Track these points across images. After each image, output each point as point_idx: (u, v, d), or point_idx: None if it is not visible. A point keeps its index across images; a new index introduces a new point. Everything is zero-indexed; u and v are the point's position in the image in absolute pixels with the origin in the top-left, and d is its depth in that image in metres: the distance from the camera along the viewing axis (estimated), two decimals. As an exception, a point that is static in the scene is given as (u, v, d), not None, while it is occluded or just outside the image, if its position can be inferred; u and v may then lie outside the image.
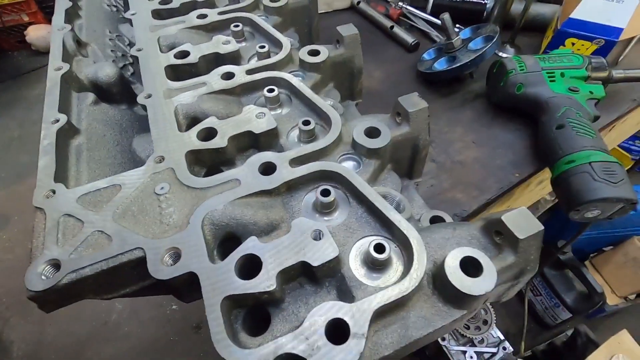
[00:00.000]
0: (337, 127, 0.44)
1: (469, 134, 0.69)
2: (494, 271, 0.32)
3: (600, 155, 0.53)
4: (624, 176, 0.52)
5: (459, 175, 0.62)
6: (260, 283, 0.32)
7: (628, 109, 0.73)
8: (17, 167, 2.19)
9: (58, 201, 0.38)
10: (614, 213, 0.53)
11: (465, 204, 0.59)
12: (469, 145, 0.67)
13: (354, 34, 0.56)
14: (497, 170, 0.63)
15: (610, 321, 1.59)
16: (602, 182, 0.50)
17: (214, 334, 0.29)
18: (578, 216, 0.54)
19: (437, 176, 0.62)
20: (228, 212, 0.37)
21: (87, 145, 0.47)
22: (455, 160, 0.64)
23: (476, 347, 1.15)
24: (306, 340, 0.29)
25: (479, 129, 0.70)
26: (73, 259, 0.34)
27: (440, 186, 0.61)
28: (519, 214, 0.34)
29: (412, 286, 0.32)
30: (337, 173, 0.40)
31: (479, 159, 0.65)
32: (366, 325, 0.30)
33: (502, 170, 0.63)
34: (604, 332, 1.16)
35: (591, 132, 0.56)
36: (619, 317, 1.59)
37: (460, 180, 0.62)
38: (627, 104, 0.74)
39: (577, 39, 0.73)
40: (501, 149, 0.66)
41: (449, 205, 0.58)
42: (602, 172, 0.51)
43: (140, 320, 1.65)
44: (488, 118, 0.72)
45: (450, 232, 0.38)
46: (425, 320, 0.33)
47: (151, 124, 0.46)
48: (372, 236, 0.38)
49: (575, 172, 0.53)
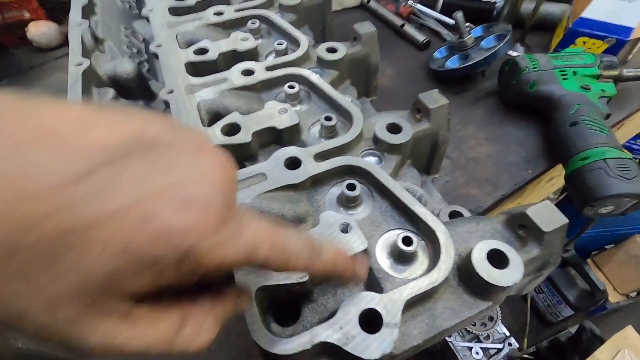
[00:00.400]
0: (359, 123, 0.44)
1: (482, 131, 0.70)
2: (521, 263, 0.33)
3: (614, 152, 0.54)
4: (638, 172, 0.52)
5: (473, 172, 0.63)
6: (293, 274, 0.32)
7: (637, 107, 0.74)
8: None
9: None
10: (627, 209, 0.54)
11: (480, 199, 0.60)
12: (482, 142, 0.68)
13: (372, 32, 0.57)
14: (510, 167, 0.64)
15: (612, 318, 1.61)
16: (617, 178, 0.51)
17: (251, 323, 0.30)
18: (592, 212, 0.55)
19: (451, 172, 0.63)
20: (256, 206, 0.38)
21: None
22: (469, 157, 0.65)
23: (482, 343, 1.16)
24: (340, 329, 0.30)
25: (491, 126, 0.71)
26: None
27: (455, 182, 0.62)
28: (543, 207, 0.35)
29: (442, 278, 0.32)
30: (362, 168, 0.40)
31: (492, 156, 0.66)
32: (398, 315, 0.30)
33: (515, 167, 0.64)
34: (605, 329, 1.17)
35: (605, 129, 0.57)
36: (621, 314, 1.61)
37: (475, 177, 0.63)
38: (637, 103, 0.75)
39: (588, 37, 0.74)
40: (513, 146, 0.67)
41: (464, 201, 0.59)
42: (617, 168, 0.52)
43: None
44: (500, 115, 0.72)
45: (473, 226, 0.38)
46: (452, 311, 0.34)
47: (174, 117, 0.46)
48: (397, 229, 0.38)
49: (590, 168, 0.54)
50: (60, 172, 0.15)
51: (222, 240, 0.19)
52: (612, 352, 0.84)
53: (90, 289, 0.16)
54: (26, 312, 0.16)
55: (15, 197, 0.14)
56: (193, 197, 0.18)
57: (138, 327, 0.18)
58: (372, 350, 0.28)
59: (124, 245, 0.16)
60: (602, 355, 0.84)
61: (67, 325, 0.16)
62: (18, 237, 0.14)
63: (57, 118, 0.16)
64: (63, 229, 0.15)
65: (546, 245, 0.35)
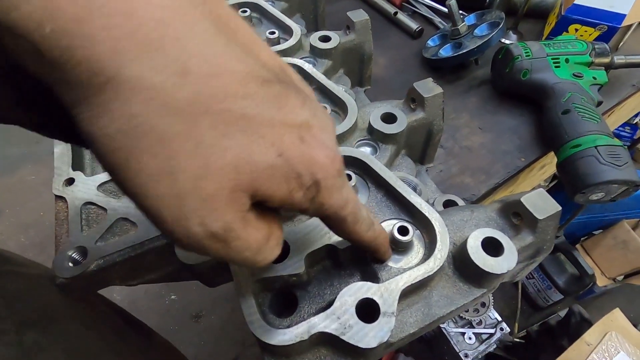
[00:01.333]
0: (354, 113, 0.44)
1: (475, 120, 0.70)
2: (515, 250, 0.34)
3: (605, 139, 0.55)
4: (628, 159, 0.53)
5: (467, 161, 0.64)
6: (289, 266, 0.32)
7: (628, 94, 0.75)
8: (4, 160, 2.14)
9: (78, 189, 0.38)
10: (617, 195, 0.55)
11: (474, 188, 0.60)
12: (476, 131, 0.68)
13: (365, 20, 0.56)
14: (503, 155, 0.64)
15: (599, 301, 1.65)
16: (608, 165, 0.52)
17: (248, 315, 0.30)
18: (583, 199, 0.56)
19: (445, 161, 0.63)
20: (251, 198, 0.38)
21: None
22: (462, 146, 0.66)
23: (474, 329, 1.18)
24: (338, 319, 0.30)
25: (485, 115, 0.71)
26: (100, 246, 0.34)
27: (449, 171, 0.62)
28: (537, 195, 0.36)
29: (437, 266, 0.33)
30: (357, 158, 0.40)
31: (486, 145, 0.66)
32: (395, 304, 0.31)
33: (508, 155, 0.64)
34: (593, 312, 1.20)
35: (596, 116, 0.58)
36: (608, 298, 1.66)
37: (468, 166, 0.63)
38: (627, 90, 0.75)
39: (580, 24, 0.74)
40: (507, 135, 0.67)
41: (458, 189, 0.60)
42: (608, 155, 0.53)
43: (140, 311, 1.65)
44: (493, 104, 0.73)
45: (468, 215, 0.39)
46: (447, 299, 0.34)
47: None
48: (392, 219, 0.38)
49: (581, 155, 0.54)
50: (250, 68, 0.18)
51: (338, 186, 0.22)
52: (600, 334, 0.86)
53: (241, 173, 0.18)
54: (178, 172, 0.17)
55: (218, 70, 0.17)
56: (331, 143, 0.22)
57: (246, 229, 0.20)
58: (370, 339, 0.29)
59: (282, 151, 0.19)
60: (590, 337, 0.86)
61: (203, 202, 0.17)
62: (211, 102, 0.16)
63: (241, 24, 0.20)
64: (243, 114, 0.17)
65: (540, 233, 0.35)
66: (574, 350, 0.84)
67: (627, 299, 1.71)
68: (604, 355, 0.82)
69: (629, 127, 2.03)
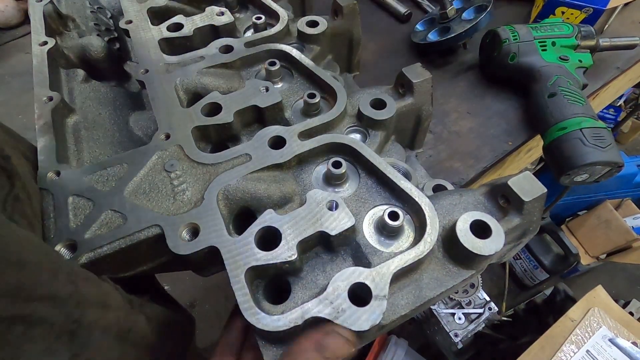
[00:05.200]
0: (343, 100, 0.44)
1: (464, 104, 0.70)
2: (502, 232, 0.34)
3: (590, 122, 0.56)
4: (611, 141, 0.55)
5: (456, 145, 0.64)
6: (281, 253, 0.33)
7: (612, 77, 0.76)
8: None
9: (64, 181, 0.37)
10: (601, 176, 0.57)
11: (462, 172, 0.61)
12: (464, 115, 0.68)
13: (352, 4, 0.55)
14: (491, 139, 0.65)
15: (583, 279, 1.72)
16: (592, 147, 0.53)
17: (242, 302, 0.30)
18: (568, 180, 0.57)
19: (434, 147, 0.63)
20: (242, 187, 0.37)
21: (84, 125, 0.46)
22: (451, 131, 0.66)
23: (464, 309, 1.22)
24: (331, 304, 0.30)
25: (473, 99, 0.71)
26: (89, 238, 0.34)
27: (438, 156, 0.63)
28: (523, 178, 0.36)
29: (427, 249, 0.33)
30: (347, 145, 0.40)
31: (474, 129, 0.67)
32: (386, 288, 0.31)
33: (496, 139, 0.65)
34: (577, 289, 1.25)
35: (581, 99, 0.59)
36: (591, 275, 1.72)
37: (457, 150, 0.64)
38: (612, 72, 0.76)
39: (567, 7, 0.74)
40: (495, 119, 0.68)
41: (447, 174, 0.60)
42: (592, 137, 0.54)
43: (134, 302, 1.64)
44: (481, 89, 0.73)
45: (457, 198, 0.39)
46: (437, 281, 0.35)
47: (152, 100, 0.44)
48: (383, 205, 0.39)
49: (567, 138, 0.55)
50: None
51: None
52: (583, 311, 0.89)
53: None
54: None
55: None
56: None
57: None
58: (362, 322, 0.29)
59: None
60: (574, 313, 0.89)
61: None
62: None
63: None
64: None
65: (526, 214, 0.36)
66: (559, 327, 0.87)
67: (609, 276, 1.79)
68: (586, 330, 0.86)
69: (612, 109, 2.07)
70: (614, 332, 0.85)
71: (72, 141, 0.44)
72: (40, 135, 0.41)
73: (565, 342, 0.83)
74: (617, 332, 0.85)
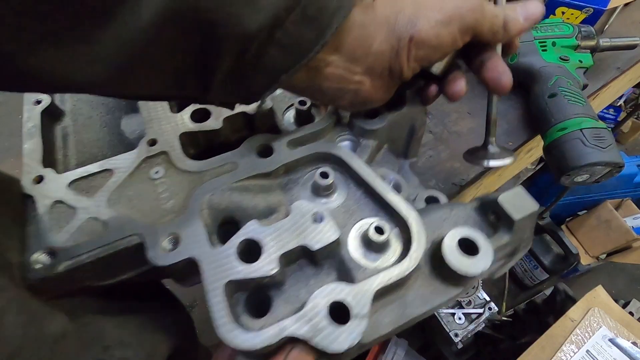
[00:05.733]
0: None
1: (464, 105, 0.70)
2: (491, 250, 0.33)
3: (590, 122, 0.56)
4: (612, 141, 0.54)
5: (456, 146, 0.64)
6: (262, 267, 0.32)
7: (612, 77, 0.75)
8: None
9: (48, 187, 0.37)
10: (601, 176, 0.57)
11: (463, 173, 0.60)
12: (464, 116, 0.68)
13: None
14: None
15: (583, 279, 1.71)
16: (592, 147, 0.53)
17: (217, 319, 0.30)
18: (569, 181, 0.57)
19: (435, 147, 0.63)
20: (226, 196, 0.37)
21: (73, 128, 0.45)
22: (451, 131, 0.66)
23: (464, 309, 1.21)
24: (309, 322, 0.29)
25: (474, 99, 0.70)
26: (69, 246, 0.33)
27: (438, 157, 0.62)
28: (514, 194, 0.35)
29: (412, 267, 0.32)
30: (335, 155, 0.39)
31: (474, 129, 0.66)
32: (367, 306, 0.30)
33: (496, 140, 0.64)
34: (577, 289, 1.23)
35: (581, 99, 0.59)
36: (591, 275, 1.71)
37: (457, 150, 0.63)
38: (612, 72, 0.76)
39: (567, 7, 0.74)
40: None
41: (447, 174, 0.60)
42: (593, 138, 0.54)
43: (134, 299, 1.65)
44: (482, 89, 0.71)
45: (447, 212, 0.38)
46: (423, 299, 0.34)
47: (141, 104, 0.44)
48: (371, 217, 0.38)
49: (567, 138, 0.55)
50: None
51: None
52: (583, 311, 0.88)
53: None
54: None
55: None
56: None
57: None
58: (340, 343, 0.28)
59: None
60: (574, 314, 0.88)
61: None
62: None
63: None
64: None
65: (516, 232, 0.35)
66: (559, 327, 0.86)
67: (609, 276, 1.77)
68: (586, 330, 0.85)
69: (612, 110, 2.05)
70: (614, 332, 0.84)
71: (61, 145, 0.44)
72: (27, 138, 0.41)
73: (565, 342, 0.83)
74: (617, 332, 0.84)
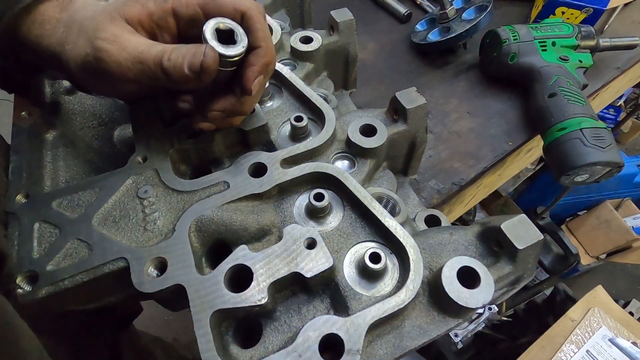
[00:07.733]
0: (331, 125, 0.41)
1: (464, 104, 0.69)
2: (492, 282, 0.32)
3: (590, 122, 0.54)
4: (611, 141, 0.53)
5: (456, 145, 0.63)
6: (251, 296, 0.31)
7: (612, 77, 0.74)
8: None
9: (33, 206, 0.36)
10: (601, 176, 0.56)
11: (462, 172, 0.59)
12: (464, 115, 0.67)
13: (349, 20, 0.53)
14: (491, 140, 0.64)
15: (583, 279, 1.70)
16: (592, 147, 0.52)
17: (203, 351, 0.28)
18: (568, 181, 0.56)
19: (435, 147, 0.62)
20: (216, 218, 0.35)
21: (63, 141, 0.44)
22: (451, 131, 0.65)
23: (464, 309, 1.19)
24: (299, 357, 0.28)
25: (473, 99, 0.70)
26: (51, 270, 0.32)
27: (438, 157, 0.61)
28: (518, 222, 0.33)
29: (409, 298, 0.31)
30: (331, 175, 0.38)
31: (474, 129, 0.65)
32: (361, 341, 0.29)
33: (496, 139, 0.64)
34: (577, 289, 1.22)
35: (581, 99, 0.58)
36: (591, 275, 1.70)
37: (457, 150, 0.62)
38: (612, 72, 0.74)
39: (567, 7, 0.72)
40: (495, 119, 0.67)
41: (447, 174, 0.59)
42: (592, 137, 0.53)
43: (132, 301, 1.65)
44: (481, 88, 0.71)
45: (447, 238, 0.37)
46: (420, 330, 0.33)
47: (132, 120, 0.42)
48: (366, 242, 0.36)
49: (567, 138, 0.54)
50: None
51: None
52: (583, 311, 0.88)
53: None
54: None
55: None
56: None
57: None
58: (330, 382, 0.27)
59: None
60: (574, 313, 0.88)
61: None
62: None
63: None
64: None
65: (520, 262, 0.33)
66: (559, 327, 0.85)
67: (609, 276, 1.75)
68: (586, 330, 0.84)
69: (612, 109, 2.03)
70: (614, 332, 0.84)
71: (49, 159, 0.42)
72: (14, 153, 0.39)
73: (565, 342, 0.82)
74: (617, 332, 0.84)
